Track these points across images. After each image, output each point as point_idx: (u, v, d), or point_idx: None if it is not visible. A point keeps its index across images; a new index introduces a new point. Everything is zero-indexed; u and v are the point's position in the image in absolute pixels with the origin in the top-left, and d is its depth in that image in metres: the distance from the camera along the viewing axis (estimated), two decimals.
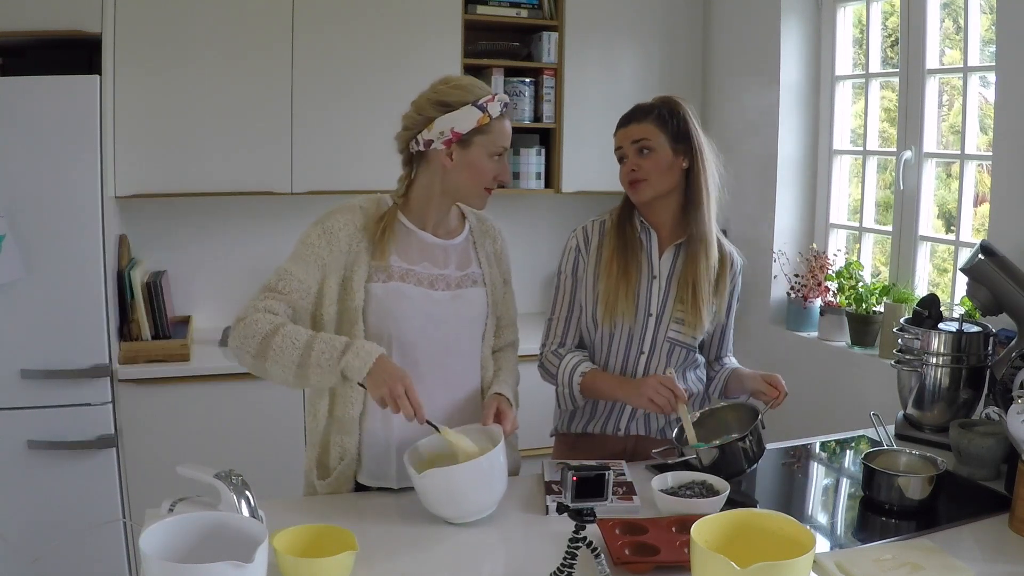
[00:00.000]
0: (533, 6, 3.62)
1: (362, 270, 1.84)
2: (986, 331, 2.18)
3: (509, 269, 2.08)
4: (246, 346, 1.76)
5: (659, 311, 2.07)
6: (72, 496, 2.85)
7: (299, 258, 1.84)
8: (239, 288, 3.63)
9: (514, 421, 1.89)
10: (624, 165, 2.07)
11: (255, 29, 3.24)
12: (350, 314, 1.84)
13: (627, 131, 2.06)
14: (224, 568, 1.21)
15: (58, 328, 2.81)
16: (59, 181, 2.77)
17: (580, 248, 2.10)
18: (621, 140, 2.08)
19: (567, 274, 2.12)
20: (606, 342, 2.09)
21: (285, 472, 3.04)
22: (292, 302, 1.81)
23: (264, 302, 1.79)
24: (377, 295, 1.84)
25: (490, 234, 2.03)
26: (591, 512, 1.40)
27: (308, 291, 1.83)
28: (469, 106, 1.81)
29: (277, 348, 1.73)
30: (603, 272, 2.06)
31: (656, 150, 2.02)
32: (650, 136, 2.03)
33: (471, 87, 1.84)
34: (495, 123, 1.84)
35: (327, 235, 1.84)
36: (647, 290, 2.07)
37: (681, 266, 2.08)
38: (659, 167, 2.02)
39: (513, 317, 2.09)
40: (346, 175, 3.38)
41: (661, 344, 2.07)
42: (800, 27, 3.43)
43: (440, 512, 1.71)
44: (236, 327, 1.78)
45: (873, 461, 1.86)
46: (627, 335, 2.07)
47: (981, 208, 2.90)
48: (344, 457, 1.88)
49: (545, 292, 2.28)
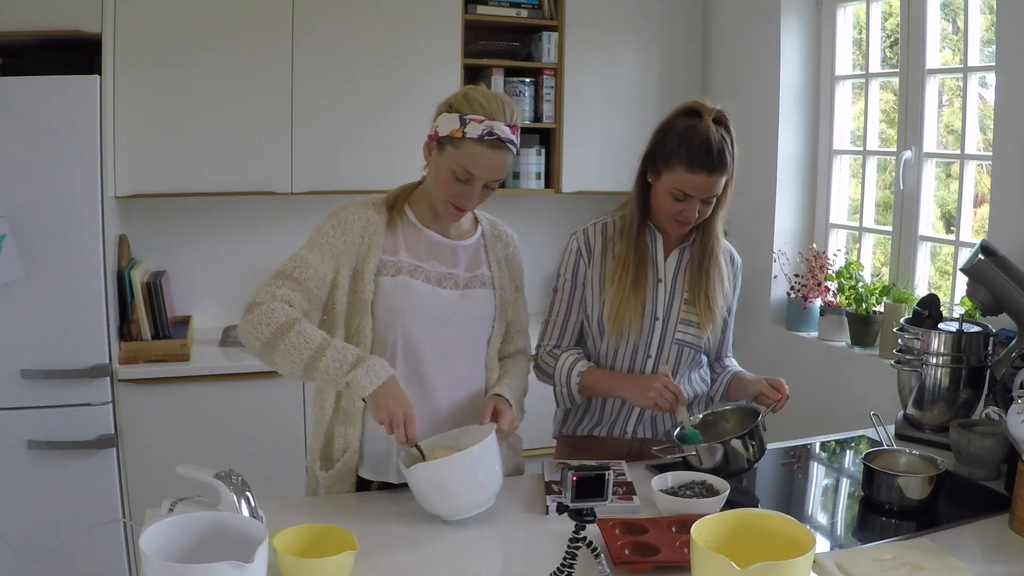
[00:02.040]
0: (533, 6, 3.62)
1: (373, 263, 1.84)
2: (986, 331, 2.18)
3: (521, 276, 2.06)
4: (257, 332, 1.74)
5: (665, 315, 2.06)
6: (72, 496, 2.85)
7: (314, 247, 1.84)
8: (239, 288, 3.63)
9: (512, 421, 1.88)
10: (681, 205, 1.93)
11: (255, 29, 3.24)
12: (360, 307, 1.84)
13: (710, 182, 1.89)
14: (224, 568, 1.21)
15: (58, 328, 2.81)
16: (59, 181, 2.77)
17: (581, 251, 2.08)
18: (699, 189, 1.90)
19: (567, 277, 2.10)
20: (612, 347, 2.08)
21: (285, 472, 3.05)
22: (307, 291, 1.81)
23: (281, 290, 1.78)
24: (386, 288, 1.85)
25: (502, 239, 2.02)
26: (591, 512, 1.40)
27: (323, 280, 1.83)
28: (456, 115, 1.79)
29: (289, 344, 1.73)
30: (614, 279, 2.02)
31: (717, 196, 1.95)
32: (720, 189, 1.93)
33: (474, 100, 1.80)
34: (468, 144, 1.76)
35: (341, 226, 1.84)
36: (653, 294, 2.05)
37: (688, 269, 2.07)
38: (709, 209, 1.96)
39: (524, 324, 2.07)
40: (346, 175, 3.38)
41: (668, 347, 2.07)
42: (800, 27, 3.43)
43: (433, 509, 1.71)
44: (251, 311, 1.77)
45: (873, 461, 1.86)
46: (633, 340, 2.06)
47: (981, 209, 2.90)
48: (347, 449, 1.88)
49: (545, 292, 2.27)
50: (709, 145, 1.86)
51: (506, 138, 1.78)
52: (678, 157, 1.88)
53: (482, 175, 1.79)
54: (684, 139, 1.88)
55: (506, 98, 1.84)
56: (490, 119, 1.77)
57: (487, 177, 1.80)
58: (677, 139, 1.89)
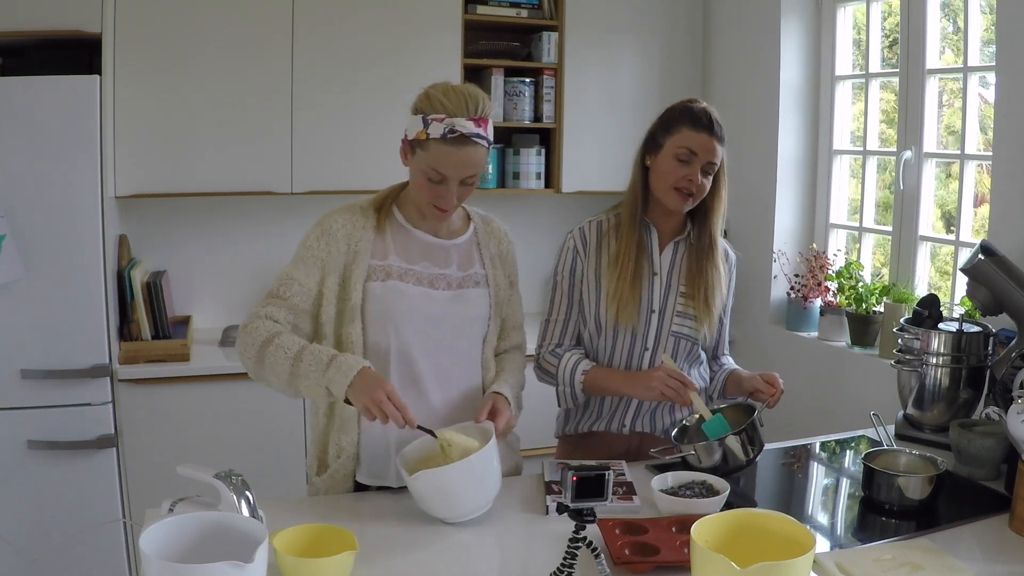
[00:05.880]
0: (533, 6, 3.62)
1: (361, 269, 1.84)
2: (986, 331, 2.18)
3: (516, 272, 2.06)
4: (247, 353, 1.78)
5: (661, 307, 2.08)
6: (72, 496, 2.85)
7: (299, 261, 1.85)
8: (239, 288, 3.65)
9: (509, 420, 1.87)
10: (684, 169, 1.98)
11: (255, 29, 3.24)
12: (348, 313, 1.84)
13: (712, 143, 1.98)
14: (224, 568, 1.21)
15: (58, 328, 2.81)
16: (59, 181, 2.77)
17: (578, 249, 2.10)
18: (703, 148, 1.97)
19: (564, 275, 2.12)
20: (610, 341, 2.09)
21: (285, 472, 3.05)
22: (293, 306, 1.82)
23: (266, 308, 1.82)
24: (376, 294, 1.84)
25: (496, 236, 2.02)
26: (591, 512, 1.40)
27: (309, 293, 1.84)
28: (420, 116, 1.77)
29: (271, 357, 1.75)
30: (612, 273, 2.05)
31: (715, 175, 2.01)
32: (720, 162, 2.01)
33: (434, 98, 1.77)
34: (433, 144, 1.74)
35: (325, 235, 1.84)
36: (648, 287, 2.07)
37: (685, 264, 2.08)
38: (708, 188, 2.02)
39: (519, 320, 2.08)
40: (346, 175, 3.38)
41: (665, 339, 2.08)
42: (800, 27, 3.43)
43: (435, 513, 1.71)
44: (240, 334, 1.81)
45: (873, 461, 1.86)
46: (631, 333, 2.07)
47: (981, 209, 2.90)
48: (341, 455, 1.88)
49: (545, 292, 2.28)
50: (709, 114, 1.99)
51: (470, 133, 1.74)
52: (682, 120, 1.99)
53: (453, 174, 1.77)
54: (684, 111, 2.00)
55: (471, 90, 1.79)
56: (451, 116, 1.74)
57: (458, 175, 1.77)
58: (678, 111, 2.01)
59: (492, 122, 1.82)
